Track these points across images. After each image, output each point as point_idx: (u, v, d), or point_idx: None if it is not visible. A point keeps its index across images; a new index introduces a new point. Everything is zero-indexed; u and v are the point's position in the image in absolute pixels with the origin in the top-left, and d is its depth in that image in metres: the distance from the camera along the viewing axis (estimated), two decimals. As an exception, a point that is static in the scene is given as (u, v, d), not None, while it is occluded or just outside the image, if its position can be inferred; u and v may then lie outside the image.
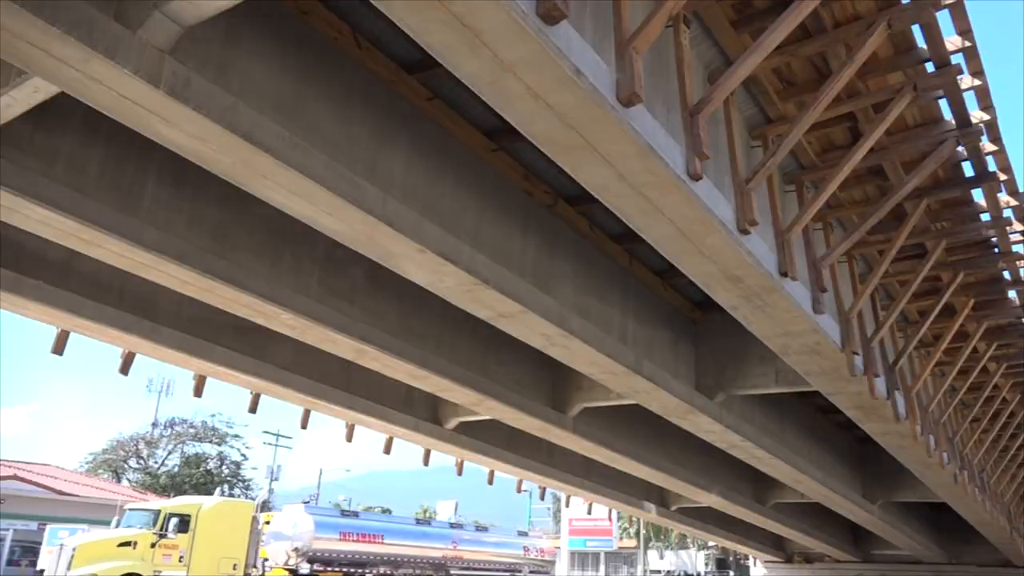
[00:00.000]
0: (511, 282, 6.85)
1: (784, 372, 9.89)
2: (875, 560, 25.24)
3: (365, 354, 8.15)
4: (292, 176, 4.96)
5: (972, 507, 16.42)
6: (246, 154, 4.73)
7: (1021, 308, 10.72)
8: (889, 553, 24.50)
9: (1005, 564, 23.12)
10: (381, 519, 37.28)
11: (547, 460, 14.55)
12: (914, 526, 21.28)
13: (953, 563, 24.35)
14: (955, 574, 24.34)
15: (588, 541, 63.65)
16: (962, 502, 16.12)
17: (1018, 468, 18.33)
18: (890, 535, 20.67)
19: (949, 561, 24.34)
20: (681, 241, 5.95)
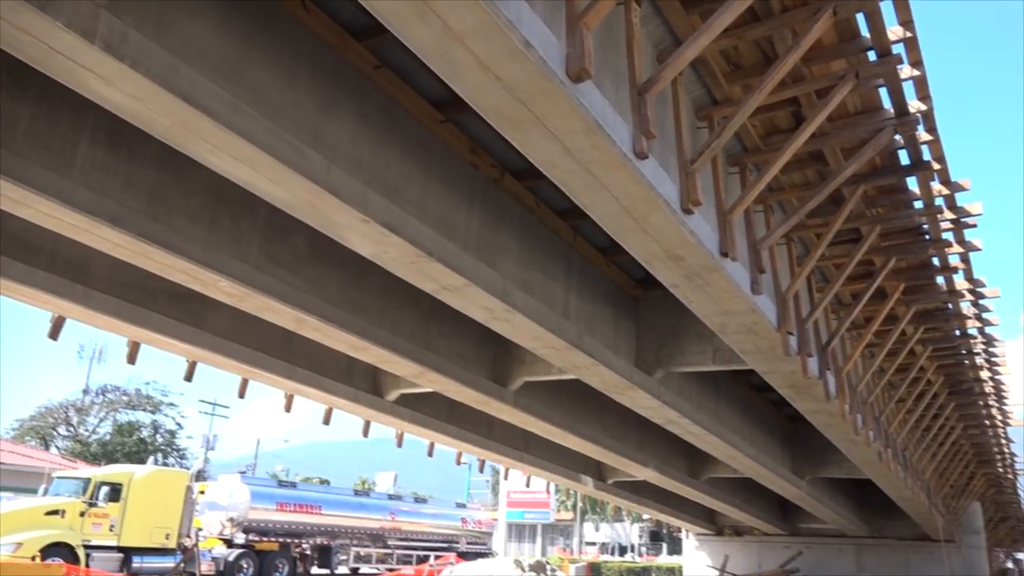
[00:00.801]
0: (455, 255, 6.83)
1: (721, 350, 10.10)
2: (801, 534, 26.13)
3: (306, 324, 8.05)
4: (233, 140, 4.84)
5: (895, 484, 17.08)
6: (185, 116, 4.60)
7: (948, 294, 11.11)
8: (815, 527, 25.38)
9: (923, 538, 24.15)
10: (319, 490, 37.15)
11: (487, 433, 14.65)
12: (840, 501, 22.06)
13: (875, 537, 25.36)
14: (876, 547, 25.36)
15: (526, 513, 64.52)
16: (885, 479, 16.75)
17: (938, 447, 19.10)
18: (817, 510, 21.40)
19: (871, 535, 25.34)
20: (625, 219, 5.99)
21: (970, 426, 18.94)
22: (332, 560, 31.12)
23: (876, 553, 25.25)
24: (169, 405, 58.51)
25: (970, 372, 14.86)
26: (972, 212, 9.43)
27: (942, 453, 19.85)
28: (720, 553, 26.64)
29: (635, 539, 72.63)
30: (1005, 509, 35.65)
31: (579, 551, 59.50)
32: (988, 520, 31.25)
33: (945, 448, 19.64)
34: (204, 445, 52.82)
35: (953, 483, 23.48)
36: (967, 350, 13.76)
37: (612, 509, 56.78)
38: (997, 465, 24.91)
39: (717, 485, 20.19)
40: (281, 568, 28.67)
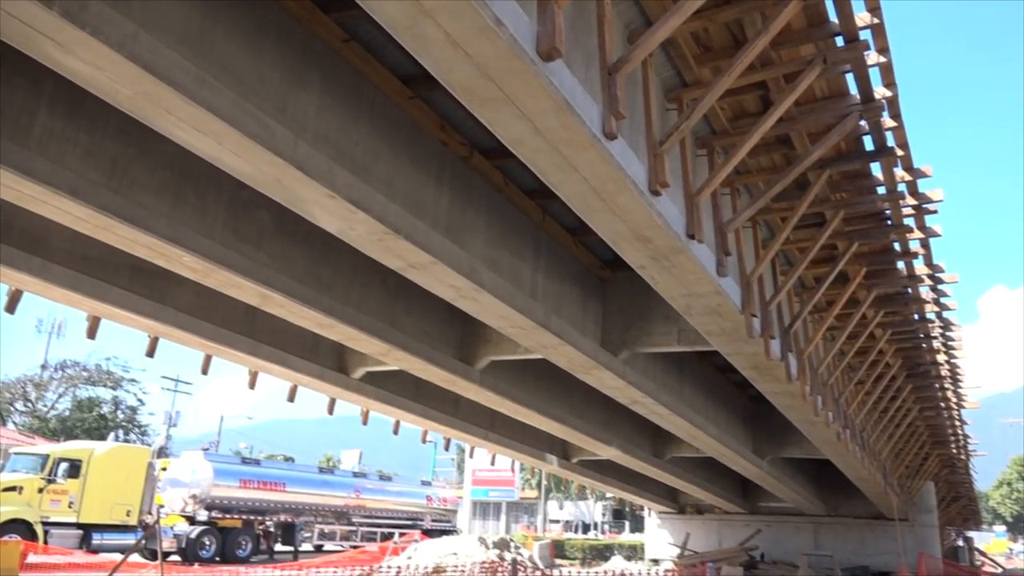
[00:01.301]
0: (423, 233, 6.79)
1: (686, 332, 10.20)
2: (761, 512, 26.61)
3: (270, 300, 7.97)
4: (197, 112, 4.75)
5: (852, 464, 17.44)
6: (148, 86, 4.50)
7: (908, 278, 11.31)
8: (774, 505, 25.87)
9: (878, 516, 24.73)
10: (283, 467, 36.96)
11: (453, 411, 14.67)
12: (799, 480, 22.49)
13: (832, 515, 25.91)
14: (833, 525, 25.91)
15: (491, 491, 64.86)
16: (843, 459, 17.10)
17: (895, 428, 19.53)
18: (776, 489, 21.79)
19: (828, 513, 25.88)
20: (593, 199, 6.00)
21: (926, 408, 19.38)
22: (296, 537, 31.07)
23: (832, 531, 25.82)
24: (130, 381, 57.75)
25: (927, 356, 15.19)
26: (933, 198, 9.60)
27: (898, 434, 20.29)
28: (682, 531, 27.06)
29: (598, 517, 73.46)
30: (957, 489, 36.63)
31: (543, 529, 60.07)
32: (941, 499, 32.09)
33: (901, 429, 20.09)
34: (166, 422, 52.27)
35: (908, 464, 24.04)
36: (925, 334, 14.05)
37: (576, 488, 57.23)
38: (951, 446, 25.55)
39: (680, 464, 20.46)
40: (244, 545, 28.56)
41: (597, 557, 39.39)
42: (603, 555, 39.53)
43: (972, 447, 29.29)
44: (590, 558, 39.35)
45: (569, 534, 58.28)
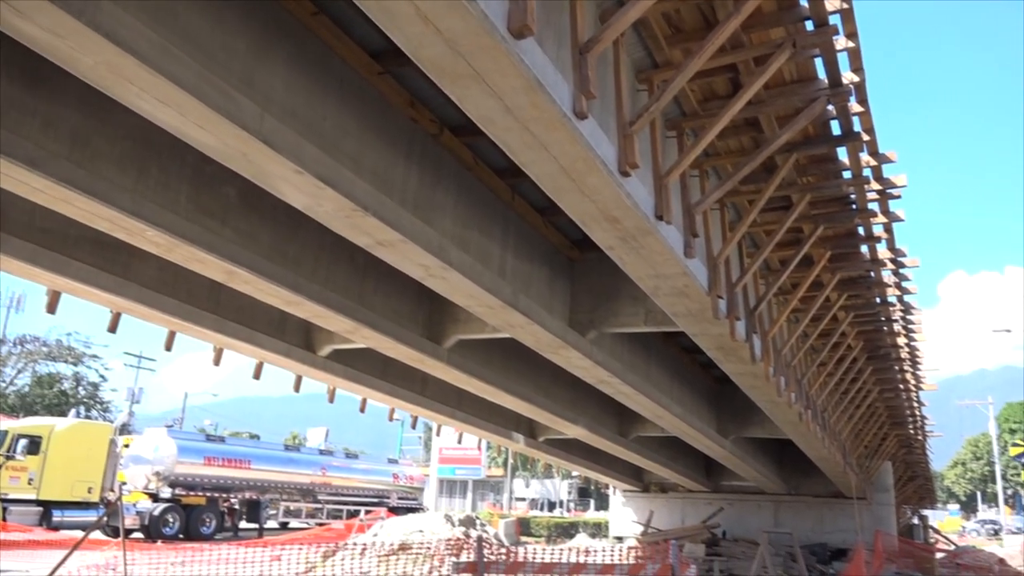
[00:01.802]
0: (392, 210, 6.74)
1: (653, 312, 10.27)
2: (723, 490, 27.05)
3: (236, 276, 7.88)
4: (161, 83, 4.66)
5: (813, 444, 17.76)
6: (110, 55, 4.39)
7: (871, 262, 11.48)
8: (736, 484, 26.30)
9: (836, 495, 25.26)
10: (248, 444, 36.80)
11: (420, 390, 14.66)
12: (761, 460, 22.87)
13: (792, 494, 26.42)
14: (793, 504, 26.43)
15: (457, 469, 65.18)
16: (805, 439, 17.41)
17: (855, 409, 19.91)
18: (739, 468, 22.15)
19: (789, 492, 26.39)
20: (563, 179, 5.99)
21: (886, 390, 19.77)
22: (261, 515, 31.00)
23: (792, 509, 26.33)
24: (92, 357, 56.94)
25: (888, 338, 15.46)
26: (897, 184, 9.73)
27: (858, 415, 20.70)
28: (645, 509, 27.43)
29: (564, 495, 74.23)
30: (914, 468, 37.50)
31: (509, 507, 60.54)
32: (898, 479, 32.86)
33: (861, 410, 20.49)
34: (129, 398, 51.69)
35: (867, 444, 24.54)
36: (886, 317, 14.30)
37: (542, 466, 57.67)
38: (909, 427, 26.12)
39: (645, 443, 20.69)
40: (208, 522, 28.44)
41: (562, 535, 39.81)
42: (568, 533, 39.97)
43: (929, 428, 29.98)
44: (555, 535, 39.77)
45: (535, 512, 58.81)
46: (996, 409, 72.51)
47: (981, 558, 29.70)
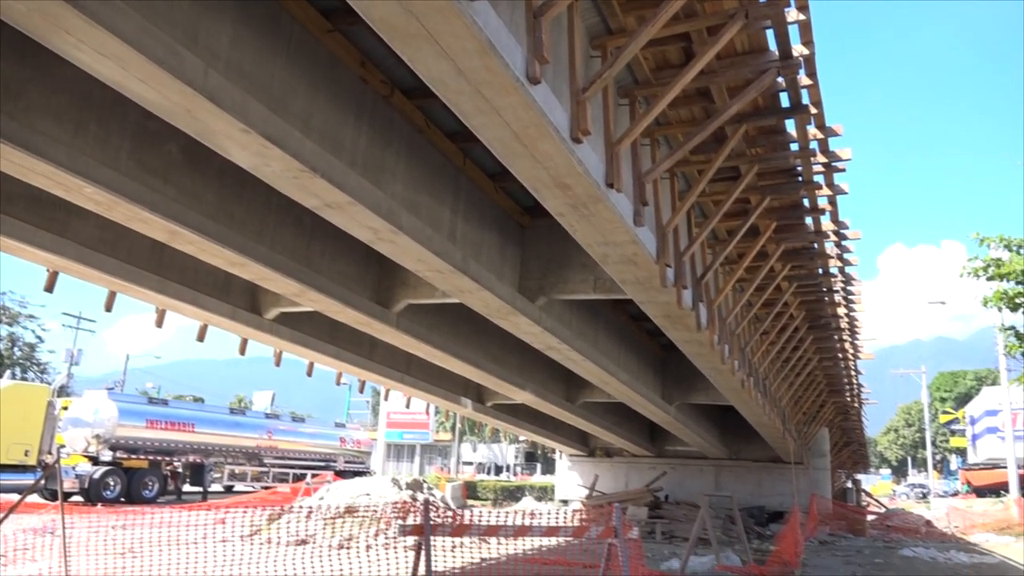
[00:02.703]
0: (340, 172, 6.64)
1: (602, 280, 10.35)
2: (667, 455, 27.62)
3: (179, 236, 7.70)
4: (100, 35, 4.48)
5: (754, 410, 18.21)
6: (45, 3, 4.21)
7: (815, 234, 11.72)
8: (679, 449, 26.88)
9: (775, 460, 26.01)
10: (192, 407, 36.29)
11: (368, 354, 14.60)
12: (704, 426, 23.38)
13: (733, 459, 27.12)
14: (734, 468, 27.15)
15: (405, 434, 65.25)
16: (746, 406, 17.84)
17: (795, 377, 20.43)
18: (682, 433, 22.62)
19: (730, 457, 27.08)
20: (515, 144, 5.96)
21: (825, 358, 20.31)
22: (205, 478, 30.71)
23: (733, 474, 27.05)
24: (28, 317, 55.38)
25: (829, 308, 15.86)
26: (842, 157, 9.92)
27: (798, 383, 21.25)
28: (591, 473, 27.88)
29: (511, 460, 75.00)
30: (849, 435, 38.77)
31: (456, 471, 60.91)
32: (834, 444, 33.92)
33: (801, 378, 21.03)
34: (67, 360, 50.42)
35: (806, 410, 25.25)
36: (828, 288, 14.64)
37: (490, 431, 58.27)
38: (846, 395, 26.94)
39: (591, 409, 20.96)
40: (151, 486, 28.08)
41: (509, 498, 40.27)
42: (515, 496, 40.43)
43: (865, 396, 30.99)
44: (502, 499, 40.21)
45: (482, 476, 59.35)
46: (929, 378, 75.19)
47: (910, 520, 30.97)
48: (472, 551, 9.93)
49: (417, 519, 7.32)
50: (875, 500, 44.45)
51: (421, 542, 6.97)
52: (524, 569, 11.58)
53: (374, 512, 15.00)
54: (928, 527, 29.60)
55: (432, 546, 7.03)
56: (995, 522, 31.29)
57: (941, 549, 21.20)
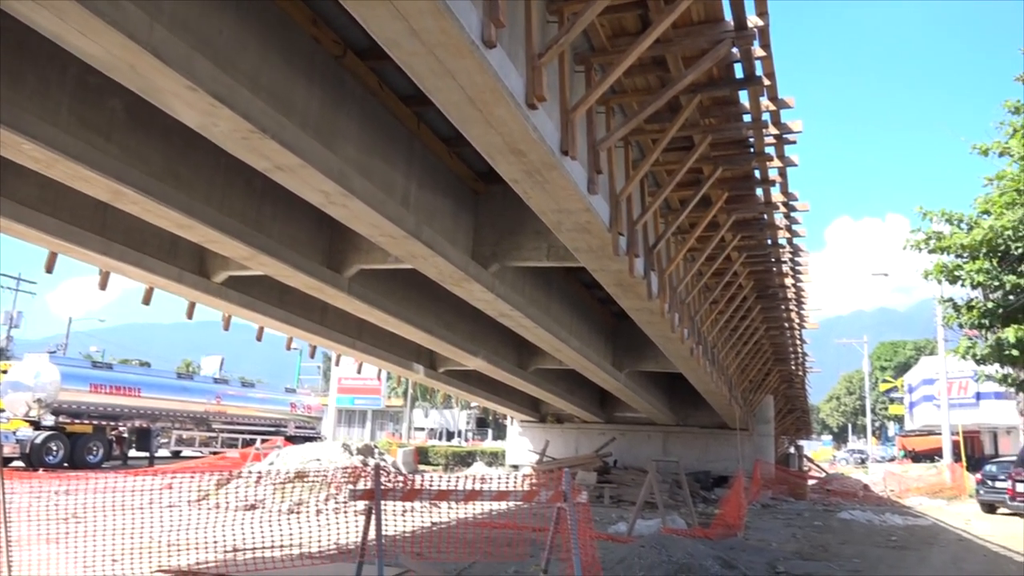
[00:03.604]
0: (291, 133, 6.50)
1: (556, 247, 10.38)
2: (616, 422, 28.05)
3: (123, 196, 7.48)
4: (37, -17, 4.29)
5: (702, 378, 18.54)
6: (-23, -52, 4.01)
7: (765, 205, 11.87)
8: (629, 416, 27.31)
9: (721, 426, 26.59)
10: (138, 372, 35.64)
11: (320, 319, 14.47)
12: (653, 393, 23.76)
13: (680, 425, 27.65)
14: (681, 434, 27.70)
15: (356, 399, 65.15)
16: (695, 373, 18.15)
17: (743, 346, 20.83)
18: (632, 400, 22.95)
19: (677, 424, 27.60)
20: (470, 109, 5.90)
21: (772, 328, 20.73)
22: (152, 443, 30.30)
23: (681, 440, 27.60)
24: (-36, 279, 53.46)
25: (777, 279, 16.14)
26: (793, 129, 10.04)
27: (745, 351, 21.67)
28: (541, 439, 28.19)
29: (463, 425, 75.46)
30: (793, 402, 39.74)
31: (408, 436, 61.07)
32: (778, 411, 34.78)
33: (748, 347, 21.46)
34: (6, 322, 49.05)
35: (752, 378, 25.80)
36: (776, 258, 14.89)
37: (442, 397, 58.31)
38: (791, 363, 27.57)
39: (543, 376, 21.14)
40: (95, 451, 27.61)
41: (460, 463, 40.55)
42: (466, 461, 40.73)
43: (809, 364, 31.75)
44: (453, 464, 40.47)
45: (433, 441, 59.61)
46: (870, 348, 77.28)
47: (848, 484, 32.02)
48: (423, 515, 10.00)
49: (368, 484, 7.32)
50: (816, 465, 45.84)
51: (372, 506, 6.98)
52: (474, 533, 11.71)
53: (324, 477, 14.97)
54: (866, 491, 30.65)
55: (383, 510, 7.05)
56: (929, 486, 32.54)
57: (877, 512, 22.00)
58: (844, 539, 15.48)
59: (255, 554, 9.16)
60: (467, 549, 10.52)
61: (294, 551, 9.79)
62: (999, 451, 44.23)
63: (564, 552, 8.00)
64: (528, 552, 10.33)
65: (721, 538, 12.56)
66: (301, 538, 10.00)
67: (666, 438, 27.88)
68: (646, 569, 9.59)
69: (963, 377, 41.90)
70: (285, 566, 8.47)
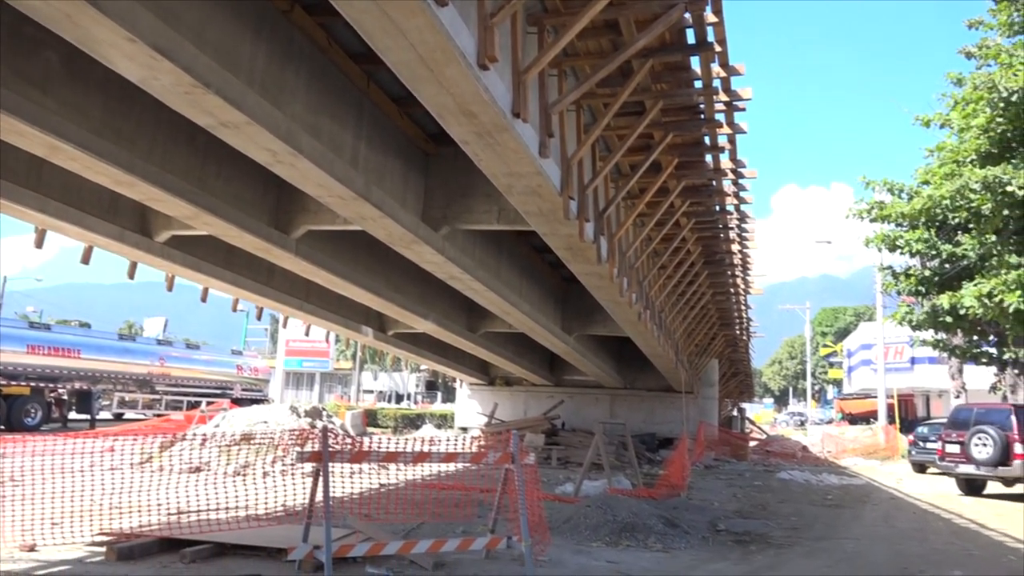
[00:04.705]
0: (236, 90, 6.34)
1: (506, 211, 10.36)
2: (565, 385, 28.37)
3: (60, 152, 7.23)
4: (-36, -76, 4.08)
5: (650, 342, 18.82)
6: None
7: (714, 171, 12.00)
8: (577, 379, 27.63)
9: (667, 390, 27.09)
10: (78, 333, 34.75)
11: (267, 280, 14.27)
12: (601, 356, 24.05)
13: (627, 388, 28.09)
14: (627, 397, 28.14)
15: (304, 362, 64.67)
16: (642, 337, 18.41)
17: (689, 310, 21.17)
18: (580, 364, 23.21)
19: (624, 387, 28.03)
20: (421, 68, 5.82)
21: (718, 293, 21.09)
22: (93, 405, 29.66)
23: (627, 403, 28.05)
24: None
25: (724, 245, 16.39)
26: (743, 96, 10.13)
27: (692, 316, 22.03)
28: (490, 401, 28.38)
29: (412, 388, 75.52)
30: (737, 366, 40.65)
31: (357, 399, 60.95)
32: (723, 375, 35.54)
33: (695, 312, 21.82)
34: (-63, 281, 47.30)
35: (698, 343, 26.28)
36: (724, 225, 15.11)
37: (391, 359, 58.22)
38: (736, 328, 28.14)
39: (493, 339, 21.22)
40: (33, 413, 26.96)
41: (409, 426, 40.65)
42: (415, 424, 40.84)
43: (753, 329, 32.47)
44: (402, 426, 40.55)
45: (382, 404, 59.56)
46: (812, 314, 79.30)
47: (788, 446, 33.01)
48: (371, 477, 10.01)
49: (315, 446, 7.30)
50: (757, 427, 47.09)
51: (319, 469, 6.97)
52: (423, 494, 11.79)
53: (272, 439, 14.87)
54: (804, 452, 31.63)
55: (331, 473, 7.04)
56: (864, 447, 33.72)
57: (815, 472, 22.74)
58: (783, 498, 15.99)
59: (200, 516, 9.09)
60: (415, 510, 10.60)
61: (240, 513, 9.74)
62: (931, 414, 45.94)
63: (511, 512, 8.11)
64: (476, 513, 10.44)
65: (665, 498, 12.86)
66: (247, 500, 9.95)
67: (613, 401, 28.31)
68: (592, 528, 9.79)
69: (899, 343, 43.28)
70: (231, 528, 8.43)
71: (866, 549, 10.09)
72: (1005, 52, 15.80)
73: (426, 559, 7.48)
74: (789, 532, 11.26)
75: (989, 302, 15.26)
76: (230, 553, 7.76)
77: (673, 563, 8.56)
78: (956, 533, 11.93)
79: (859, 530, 11.90)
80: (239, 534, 8.19)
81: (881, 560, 9.32)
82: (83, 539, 8.10)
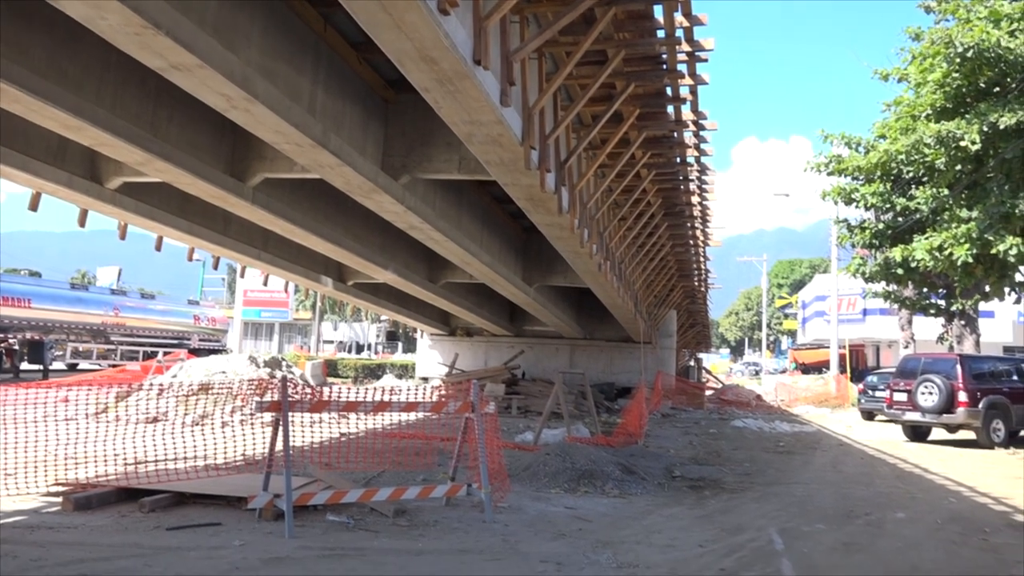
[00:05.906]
0: (189, 31, 6.13)
1: (467, 160, 10.27)
2: (525, 335, 28.55)
3: (4, 94, 6.95)
4: None
5: (609, 293, 18.97)
6: None
7: (675, 123, 11.99)
8: (537, 329, 27.81)
9: (626, 340, 27.41)
10: (27, 282, 33.98)
11: (223, 230, 14.03)
12: (561, 307, 24.20)
13: (587, 339, 28.37)
14: (587, 348, 28.44)
15: (263, 312, 64.11)
16: (602, 288, 18.54)
17: (649, 262, 21.33)
18: (541, 314, 23.34)
19: (584, 337, 28.30)
20: (380, 13, 5.67)
21: (677, 245, 21.26)
22: (45, 356, 29.18)
23: (586, 353, 28.36)
24: None
25: (684, 197, 16.47)
26: (705, 47, 10.08)
27: (651, 267, 22.22)
28: (451, 352, 28.48)
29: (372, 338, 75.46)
30: (695, 317, 41.21)
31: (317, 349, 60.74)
32: (681, 326, 36.03)
33: (655, 263, 22.00)
34: None
35: (657, 294, 26.55)
36: (684, 176, 15.16)
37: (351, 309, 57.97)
38: (694, 279, 28.46)
39: (453, 289, 21.21)
40: (-17, 364, 26.45)
41: (370, 376, 40.70)
42: (375, 374, 40.90)
43: (711, 281, 32.86)
44: (363, 377, 40.59)
45: (343, 354, 59.46)
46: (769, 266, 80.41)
47: (743, 395, 33.73)
48: (331, 427, 10.03)
49: (275, 396, 7.27)
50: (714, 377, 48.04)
51: (279, 418, 6.95)
52: (383, 443, 11.85)
53: (230, 390, 14.78)
54: (758, 401, 32.39)
55: (291, 422, 7.03)
56: (815, 396, 34.65)
57: (768, 420, 23.33)
58: (736, 445, 16.38)
59: (158, 466, 9.04)
60: (376, 459, 10.65)
61: (199, 463, 9.70)
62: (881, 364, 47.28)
63: (472, 460, 8.20)
64: (436, 461, 10.54)
65: (623, 446, 13.10)
66: (206, 450, 9.91)
67: (573, 351, 28.59)
68: (550, 475, 9.95)
69: (852, 294, 44.20)
70: (189, 477, 8.40)
71: (815, 493, 10.42)
72: (963, 7, 15.92)
73: (387, 507, 7.55)
74: (742, 478, 11.56)
75: (939, 255, 15.62)
76: (190, 502, 7.75)
77: (630, 508, 8.75)
78: (900, 477, 12.36)
79: (809, 475, 12.27)
80: (199, 483, 8.17)
81: (829, 503, 9.63)
82: (38, 489, 8.02)
